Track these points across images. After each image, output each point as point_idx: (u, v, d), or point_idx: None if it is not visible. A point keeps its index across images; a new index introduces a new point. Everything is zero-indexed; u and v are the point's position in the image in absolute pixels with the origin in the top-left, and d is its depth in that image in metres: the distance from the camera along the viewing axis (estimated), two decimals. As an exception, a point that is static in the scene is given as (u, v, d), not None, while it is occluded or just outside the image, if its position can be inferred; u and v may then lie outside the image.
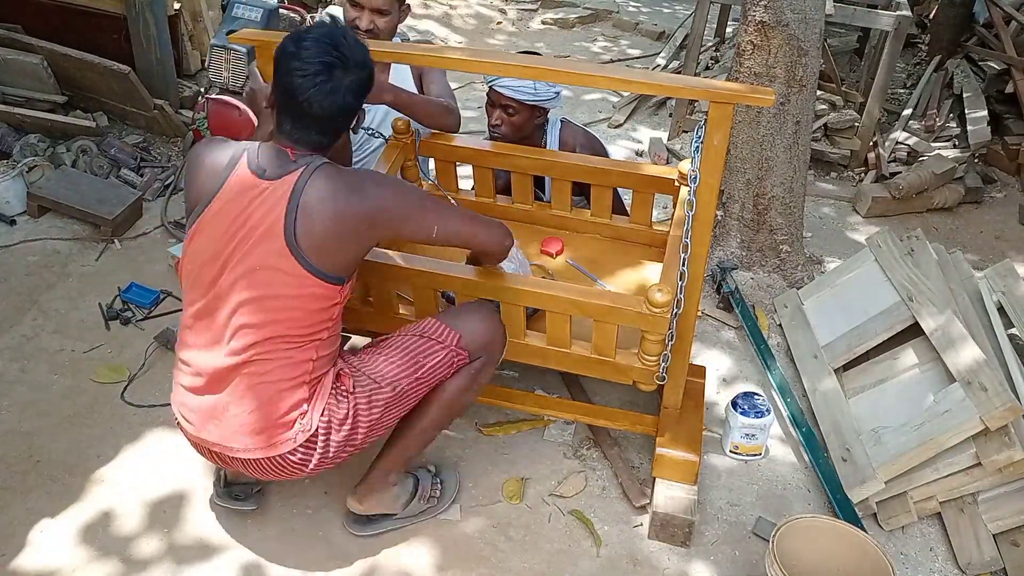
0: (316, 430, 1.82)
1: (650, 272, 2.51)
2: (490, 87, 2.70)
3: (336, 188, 1.74)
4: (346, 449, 1.88)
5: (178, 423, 1.94)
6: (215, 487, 2.17)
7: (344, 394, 1.86)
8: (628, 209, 2.71)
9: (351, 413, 1.86)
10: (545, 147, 2.82)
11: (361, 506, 2.10)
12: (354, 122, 1.86)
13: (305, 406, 1.82)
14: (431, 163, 2.81)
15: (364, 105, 1.86)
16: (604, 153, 2.89)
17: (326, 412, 1.83)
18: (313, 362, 1.82)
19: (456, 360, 1.98)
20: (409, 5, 2.68)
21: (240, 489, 2.15)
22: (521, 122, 2.69)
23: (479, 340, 2.00)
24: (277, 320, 1.76)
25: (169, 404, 2.45)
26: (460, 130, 2.70)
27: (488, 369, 2.07)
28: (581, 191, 2.72)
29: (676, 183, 2.41)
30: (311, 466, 1.86)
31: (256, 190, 1.75)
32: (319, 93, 1.73)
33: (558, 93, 2.71)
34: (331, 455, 1.86)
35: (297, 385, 1.81)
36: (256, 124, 2.36)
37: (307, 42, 1.73)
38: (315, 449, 1.83)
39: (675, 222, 2.26)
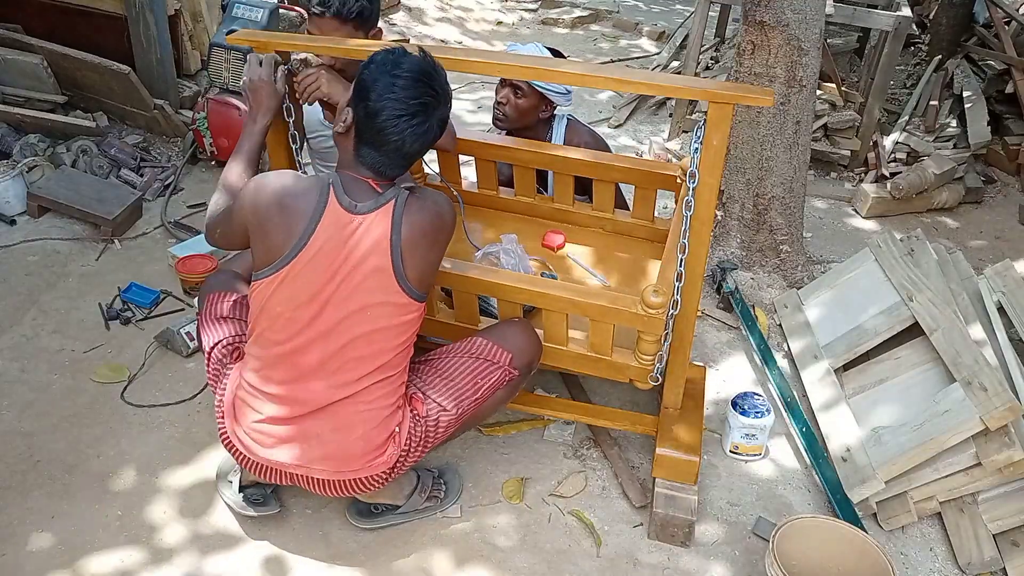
0: (400, 452, 1.91)
1: (651, 267, 2.51)
2: None
3: (429, 217, 1.80)
4: (409, 466, 1.98)
5: (238, 444, 1.92)
6: (227, 495, 2.14)
7: (418, 419, 1.94)
8: (630, 205, 2.71)
9: (423, 435, 1.94)
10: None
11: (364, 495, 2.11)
12: None
13: (397, 429, 1.89)
14: (433, 154, 2.80)
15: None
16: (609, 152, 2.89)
17: (408, 435, 1.91)
18: (403, 384, 1.91)
19: (507, 378, 2.04)
20: (380, 29, 2.46)
21: (255, 492, 2.13)
22: (526, 107, 2.69)
23: (527, 358, 2.07)
24: (386, 349, 1.82)
25: (169, 404, 2.49)
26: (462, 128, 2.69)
27: (525, 380, 2.15)
28: (584, 190, 2.71)
29: (678, 180, 2.41)
30: (386, 484, 1.96)
31: (352, 226, 1.76)
32: (414, 135, 1.75)
33: (568, 92, 2.71)
34: (400, 472, 1.97)
35: (396, 410, 1.89)
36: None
37: (403, 79, 1.72)
38: (393, 470, 1.92)
39: (676, 220, 2.27)
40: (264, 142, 2.06)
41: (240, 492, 2.11)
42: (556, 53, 2.71)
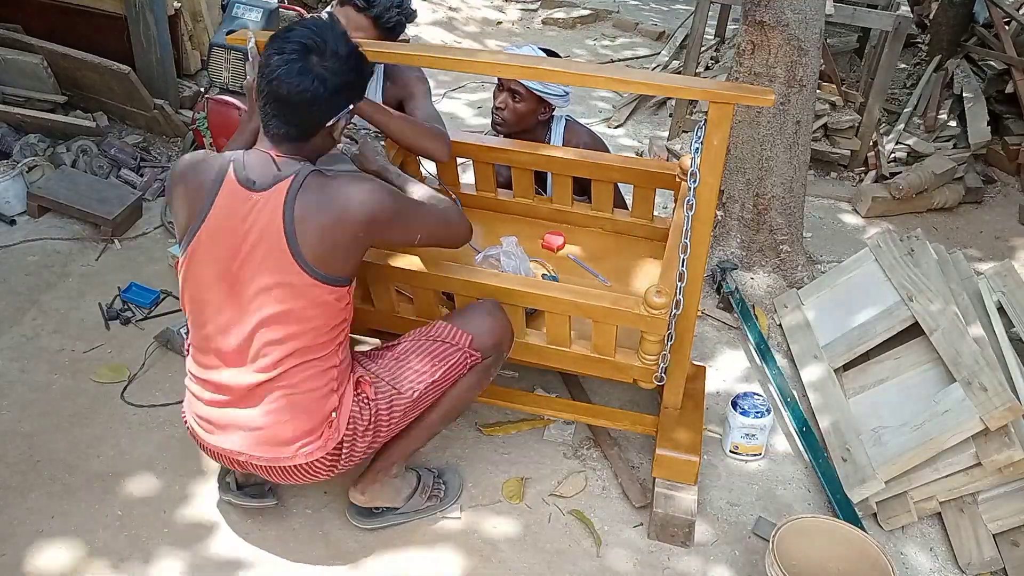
0: (343, 438, 1.86)
1: (651, 267, 2.51)
2: None
3: (327, 198, 1.72)
4: (366, 452, 1.93)
5: (191, 431, 1.95)
6: (223, 489, 2.15)
7: (366, 401, 1.89)
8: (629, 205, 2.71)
9: (373, 419, 1.90)
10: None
11: (363, 497, 2.10)
12: (334, 122, 1.80)
13: (334, 414, 1.85)
14: None
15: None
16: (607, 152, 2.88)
17: (351, 420, 1.87)
18: (337, 368, 1.85)
19: (470, 360, 2.00)
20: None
21: (254, 489, 2.14)
22: (525, 111, 2.69)
23: (490, 340, 2.02)
24: (301, 332, 1.77)
25: (169, 404, 2.48)
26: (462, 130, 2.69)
27: (497, 365, 2.10)
28: (584, 191, 2.72)
29: (677, 179, 2.41)
30: (336, 471, 1.92)
31: (248, 203, 1.73)
32: (288, 72, 1.69)
33: (567, 93, 2.70)
34: (354, 460, 1.93)
35: (327, 393, 1.84)
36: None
37: (293, 28, 1.73)
38: (340, 455, 1.89)
39: (675, 220, 2.27)
40: (256, 140, 2.02)
41: (239, 490, 2.13)
42: (551, 54, 2.71)
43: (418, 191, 2.04)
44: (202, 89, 4.02)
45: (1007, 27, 5.12)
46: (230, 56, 3.50)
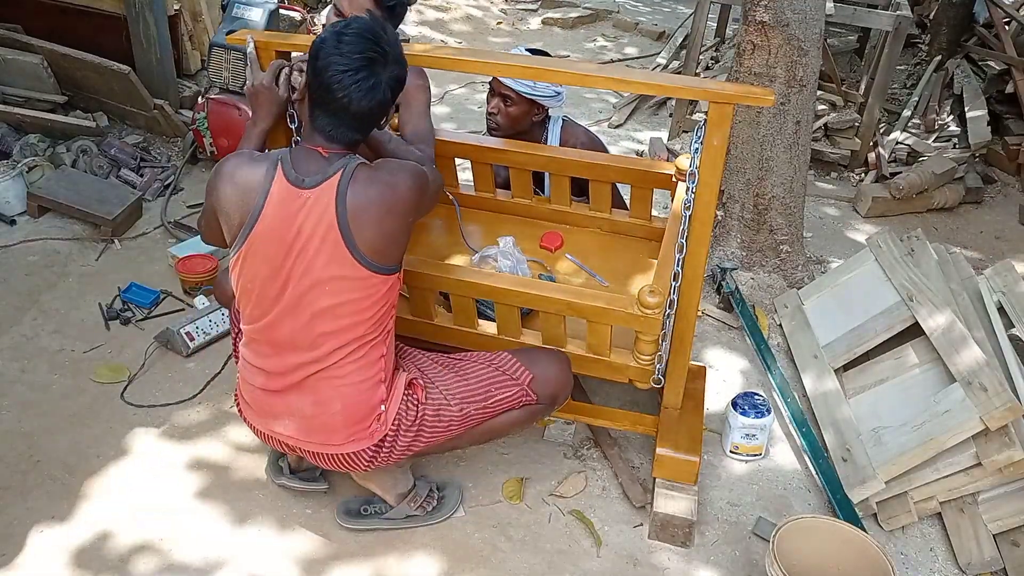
0: (387, 432, 1.90)
1: (650, 266, 2.50)
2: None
3: (379, 189, 1.77)
4: (405, 453, 1.96)
5: (244, 414, 2.01)
6: (275, 473, 2.21)
7: (415, 402, 1.94)
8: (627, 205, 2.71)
9: (417, 420, 1.93)
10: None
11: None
12: (385, 119, 1.87)
13: (383, 407, 1.89)
14: None
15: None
16: (605, 152, 2.88)
17: (397, 416, 1.91)
18: (384, 357, 1.90)
19: (524, 398, 2.03)
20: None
21: (307, 473, 2.20)
22: (517, 114, 2.69)
23: (549, 388, 2.05)
24: (355, 323, 1.82)
25: (169, 404, 2.49)
26: (463, 131, 2.68)
27: (545, 414, 2.15)
28: (582, 191, 2.72)
29: (674, 179, 2.41)
30: (374, 465, 1.95)
31: (299, 201, 1.76)
32: (359, 90, 1.74)
33: (559, 93, 2.70)
34: (393, 456, 1.95)
35: (376, 384, 1.88)
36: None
37: (348, 36, 1.74)
38: (381, 449, 1.92)
39: (672, 219, 2.26)
40: (264, 145, 2.06)
41: (292, 474, 2.19)
42: (541, 55, 2.71)
43: (400, 146, 2.14)
44: (202, 89, 4.03)
45: (1007, 27, 5.12)
46: (230, 56, 3.50)
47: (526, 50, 2.69)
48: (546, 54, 2.76)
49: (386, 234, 1.79)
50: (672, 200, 2.44)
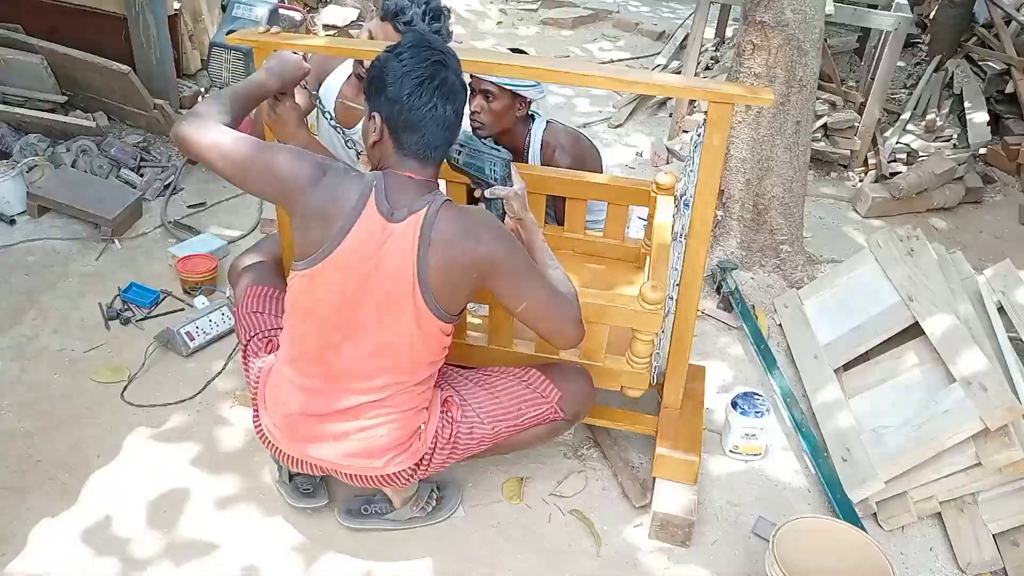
0: (426, 451, 1.92)
1: (627, 289, 2.47)
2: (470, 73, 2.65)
3: (459, 232, 1.75)
4: (440, 466, 1.99)
5: (270, 443, 1.97)
6: (281, 486, 2.20)
7: (450, 420, 1.95)
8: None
9: (452, 438, 1.95)
10: (528, 146, 2.79)
11: None
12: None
13: (422, 425, 1.91)
14: None
15: (328, 111, 1.85)
16: (590, 154, 2.84)
17: (435, 435, 1.93)
18: (429, 388, 1.92)
19: (552, 416, 2.04)
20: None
21: (305, 480, 2.18)
22: (501, 109, 2.66)
23: (575, 405, 2.07)
24: (415, 365, 1.84)
25: (169, 404, 2.49)
26: None
27: (566, 430, 2.18)
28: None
29: (652, 194, 2.41)
30: (412, 480, 1.98)
31: (385, 233, 1.74)
32: (443, 96, 1.73)
33: (539, 83, 2.68)
34: (429, 471, 1.98)
35: (419, 411, 1.90)
36: (251, 126, 2.34)
37: (404, 52, 1.73)
38: (420, 466, 1.95)
39: (656, 230, 2.26)
40: (244, 106, 1.90)
41: (290, 480, 2.17)
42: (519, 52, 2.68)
43: (550, 265, 1.96)
44: (202, 89, 4.03)
45: (1007, 27, 5.12)
46: (230, 56, 3.51)
47: (510, 50, 2.68)
48: (524, 53, 2.74)
49: (453, 278, 1.77)
50: (650, 216, 2.44)
